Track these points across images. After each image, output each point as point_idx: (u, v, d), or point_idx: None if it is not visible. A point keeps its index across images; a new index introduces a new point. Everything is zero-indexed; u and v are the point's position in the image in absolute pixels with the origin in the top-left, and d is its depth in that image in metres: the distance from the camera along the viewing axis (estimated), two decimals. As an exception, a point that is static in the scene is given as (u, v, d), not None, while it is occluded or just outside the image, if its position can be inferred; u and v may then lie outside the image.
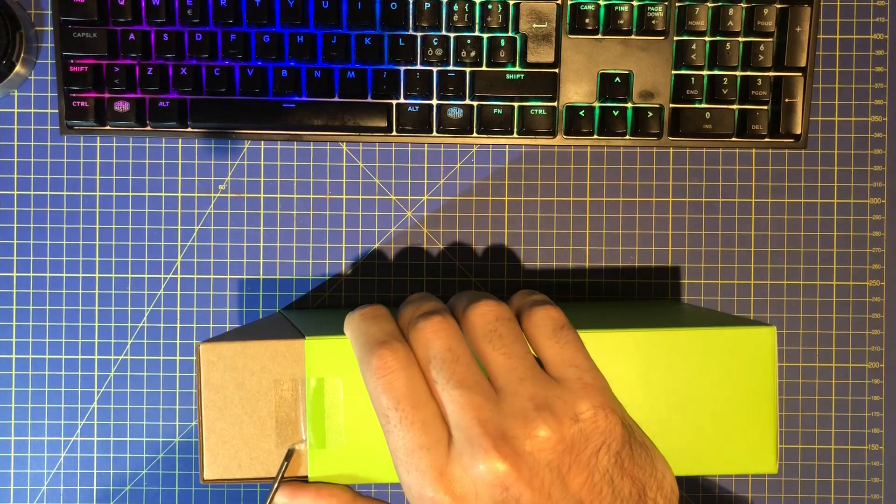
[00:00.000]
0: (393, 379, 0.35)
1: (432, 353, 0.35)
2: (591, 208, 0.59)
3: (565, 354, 0.36)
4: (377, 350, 0.35)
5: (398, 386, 0.35)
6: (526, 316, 0.37)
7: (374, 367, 0.35)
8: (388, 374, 0.35)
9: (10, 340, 0.58)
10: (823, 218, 0.59)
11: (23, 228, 0.58)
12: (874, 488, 0.59)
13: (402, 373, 0.35)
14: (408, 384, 0.35)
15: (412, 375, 0.35)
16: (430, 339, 0.35)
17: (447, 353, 0.35)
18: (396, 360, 0.35)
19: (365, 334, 0.37)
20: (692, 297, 0.59)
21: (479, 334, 0.36)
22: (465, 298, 0.38)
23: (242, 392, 0.37)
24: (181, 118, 0.55)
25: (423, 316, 0.36)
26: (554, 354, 0.36)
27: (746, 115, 0.56)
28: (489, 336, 0.36)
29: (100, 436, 0.58)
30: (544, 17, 0.55)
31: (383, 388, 0.35)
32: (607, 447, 0.34)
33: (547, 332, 0.36)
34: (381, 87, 0.55)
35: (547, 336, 0.36)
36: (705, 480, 0.59)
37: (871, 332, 0.59)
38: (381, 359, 0.35)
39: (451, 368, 0.35)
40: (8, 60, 0.55)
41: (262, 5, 0.54)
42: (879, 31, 0.58)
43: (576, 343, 0.36)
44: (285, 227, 0.59)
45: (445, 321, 0.36)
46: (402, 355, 0.35)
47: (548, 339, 0.36)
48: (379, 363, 0.35)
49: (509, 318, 0.37)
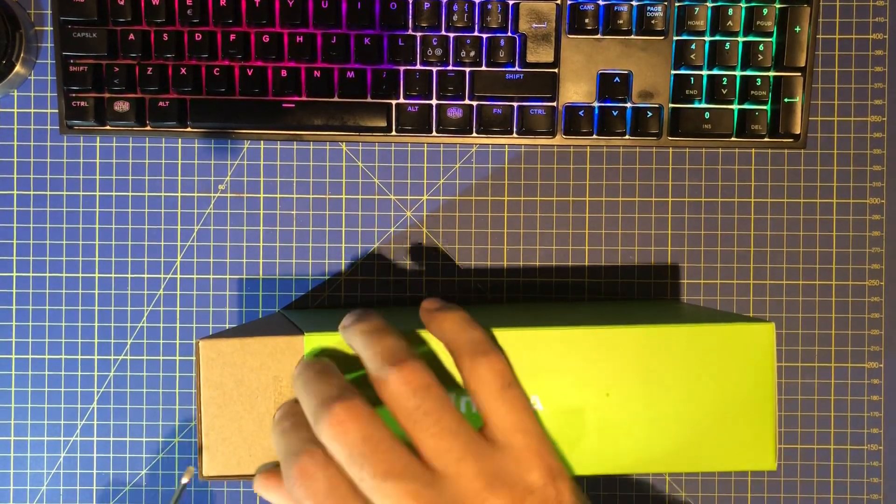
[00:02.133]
0: (312, 484, 0.32)
1: (346, 451, 0.31)
2: (591, 208, 0.59)
3: (512, 417, 0.33)
4: (296, 459, 0.32)
5: (318, 490, 0.31)
6: (469, 366, 0.34)
7: (293, 476, 0.32)
8: (307, 481, 0.32)
9: (9, 340, 0.58)
10: (823, 218, 0.59)
11: (23, 228, 0.58)
12: (874, 488, 0.59)
13: (322, 476, 0.32)
14: (328, 488, 0.31)
15: (330, 476, 0.32)
16: (338, 435, 0.31)
17: (362, 444, 0.31)
18: (315, 463, 0.32)
19: (285, 438, 0.34)
20: (692, 297, 0.59)
21: (399, 413, 0.32)
22: (377, 358, 0.33)
23: (242, 389, 0.37)
24: (181, 118, 0.55)
25: (323, 407, 0.32)
26: (500, 418, 0.33)
27: (746, 115, 0.56)
28: (412, 416, 0.32)
29: (100, 436, 0.58)
30: (544, 17, 0.55)
31: (305, 497, 0.32)
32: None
33: (493, 390, 0.33)
34: (381, 87, 0.55)
35: (493, 396, 0.33)
36: (705, 480, 0.58)
37: (870, 332, 0.59)
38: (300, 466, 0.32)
39: (371, 462, 0.31)
40: (8, 60, 0.55)
41: (261, 5, 0.54)
42: (879, 31, 0.58)
43: (522, 403, 0.34)
44: (285, 227, 0.59)
45: (348, 408, 0.32)
46: (320, 459, 0.32)
47: (494, 400, 0.33)
48: (298, 472, 0.32)
49: (428, 386, 0.32)
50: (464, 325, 0.35)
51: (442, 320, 0.36)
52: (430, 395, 0.32)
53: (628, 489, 0.58)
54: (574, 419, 0.38)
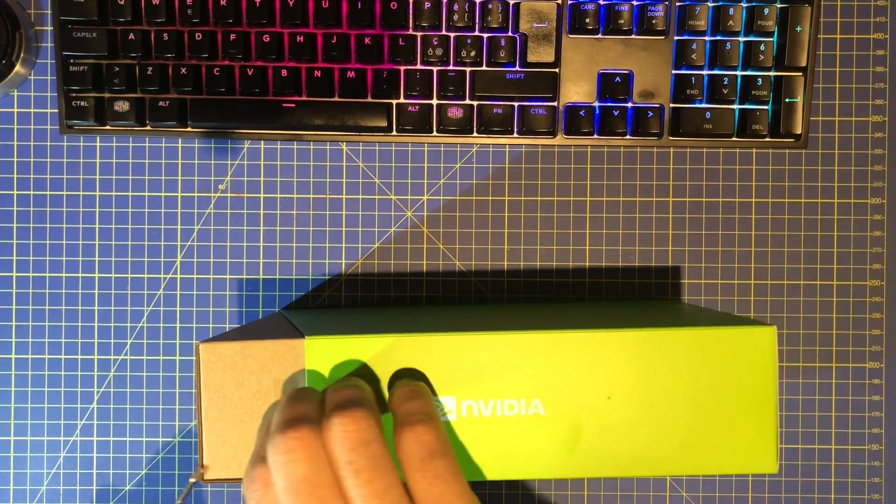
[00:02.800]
0: (250, 494, 0.32)
1: (283, 483, 0.31)
2: (591, 208, 0.59)
3: (434, 491, 0.32)
4: (250, 466, 0.34)
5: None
6: (396, 438, 0.33)
7: (244, 480, 0.34)
8: (248, 489, 0.33)
9: (9, 340, 0.58)
10: (823, 218, 0.59)
11: (23, 228, 0.58)
12: (874, 488, 0.59)
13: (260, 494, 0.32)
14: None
15: (266, 495, 0.32)
16: (282, 464, 0.32)
17: (300, 482, 0.31)
18: (261, 478, 0.33)
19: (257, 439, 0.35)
20: (692, 297, 0.59)
21: (333, 464, 0.32)
22: (331, 402, 0.34)
23: (242, 392, 0.37)
24: (181, 118, 0.55)
25: (277, 428, 0.33)
26: (421, 490, 0.32)
27: (747, 115, 0.56)
28: (345, 468, 0.32)
29: (100, 436, 0.58)
30: (544, 17, 0.55)
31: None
32: None
33: (415, 462, 0.33)
34: (381, 87, 0.55)
35: (415, 467, 0.33)
36: (705, 480, 0.58)
37: (871, 332, 0.59)
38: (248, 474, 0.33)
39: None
40: (8, 60, 0.55)
41: (262, 5, 0.54)
42: (880, 31, 0.58)
43: (448, 474, 0.33)
44: (285, 227, 0.58)
45: (300, 439, 0.32)
46: (265, 476, 0.33)
47: (416, 472, 0.32)
48: (245, 478, 0.33)
49: (367, 442, 0.32)
50: (405, 397, 0.35)
51: (392, 394, 0.36)
52: (366, 453, 0.32)
53: (628, 489, 0.58)
54: (575, 422, 0.38)
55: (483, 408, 0.38)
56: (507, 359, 0.38)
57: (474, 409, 0.38)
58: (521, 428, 0.38)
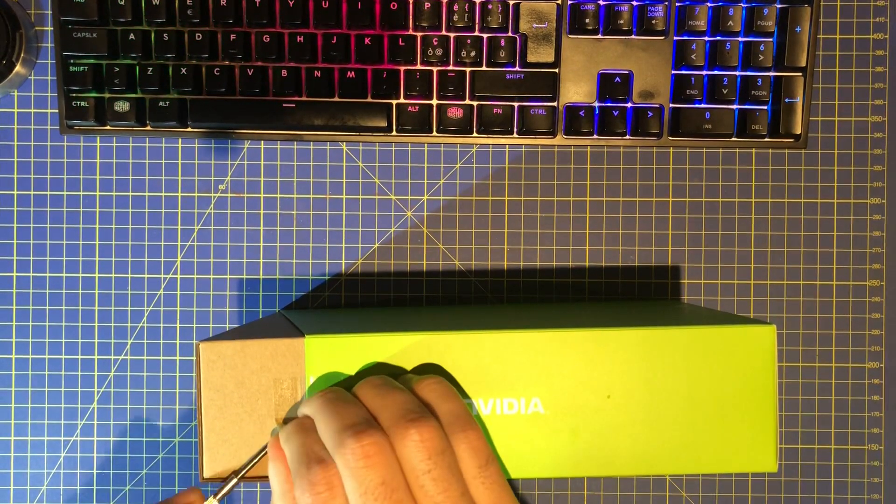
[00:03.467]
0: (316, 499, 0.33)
1: (361, 489, 0.32)
2: (591, 208, 0.59)
3: (492, 496, 0.34)
4: (309, 468, 0.33)
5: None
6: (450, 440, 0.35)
7: (303, 484, 0.33)
8: (313, 494, 0.33)
9: (10, 340, 0.58)
10: (823, 218, 0.59)
11: (23, 228, 0.58)
12: (874, 488, 0.59)
13: (327, 495, 0.33)
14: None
15: (335, 496, 0.33)
16: (360, 469, 0.32)
17: (379, 487, 0.32)
18: (326, 480, 0.33)
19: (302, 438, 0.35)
20: (692, 297, 0.59)
21: (409, 471, 0.33)
22: (392, 407, 0.35)
23: (242, 391, 0.37)
24: (181, 118, 0.55)
25: (349, 431, 0.33)
26: (480, 495, 0.34)
27: (746, 115, 0.56)
28: (424, 476, 0.33)
29: (100, 436, 0.58)
30: (544, 17, 0.55)
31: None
32: None
33: (473, 468, 0.34)
34: (381, 87, 0.55)
35: (473, 474, 0.34)
36: (705, 480, 0.58)
37: (871, 332, 0.59)
38: (311, 478, 0.33)
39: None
40: (8, 60, 0.55)
41: (262, 5, 0.54)
42: (879, 31, 0.58)
43: (501, 481, 0.35)
44: (285, 227, 0.59)
45: (378, 445, 0.33)
46: (333, 479, 0.33)
47: (475, 479, 0.34)
48: (308, 482, 0.33)
49: (442, 451, 0.33)
50: (440, 395, 0.36)
51: (419, 387, 0.36)
52: (443, 462, 0.33)
53: (628, 489, 0.58)
54: (575, 421, 0.38)
55: (483, 406, 0.38)
56: (506, 357, 0.38)
57: (474, 408, 0.38)
58: (520, 427, 0.38)
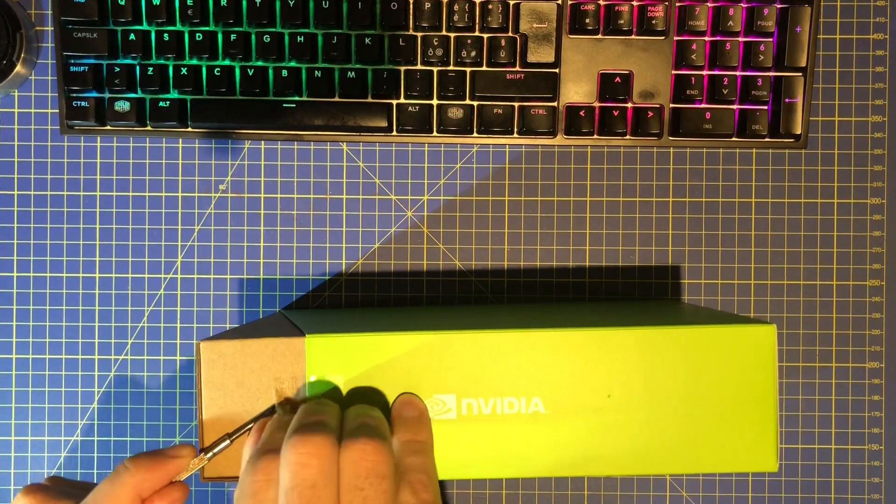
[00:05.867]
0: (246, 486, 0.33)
1: (289, 483, 0.32)
2: (591, 208, 0.59)
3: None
4: (254, 458, 0.33)
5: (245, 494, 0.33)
6: (401, 471, 0.34)
7: (243, 470, 0.34)
8: (245, 481, 0.33)
9: (10, 340, 0.58)
10: (823, 218, 0.59)
11: (23, 228, 0.58)
12: (874, 488, 0.59)
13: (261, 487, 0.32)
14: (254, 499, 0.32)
15: (267, 489, 0.32)
16: (294, 465, 0.32)
17: (307, 489, 0.31)
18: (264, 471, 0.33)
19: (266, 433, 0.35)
20: (692, 297, 0.59)
21: (343, 482, 0.32)
22: (354, 419, 0.35)
23: (242, 390, 0.37)
24: (181, 118, 0.55)
25: (301, 430, 0.33)
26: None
27: (746, 115, 0.56)
28: (354, 492, 0.32)
29: (100, 436, 0.58)
30: (544, 17, 0.55)
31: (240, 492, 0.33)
32: None
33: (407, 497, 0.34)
34: (382, 87, 0.55)
35: None
36: (705, 480, 0.58)
37: (871, 332, 0.59)
38: (252, 466, 0.33)
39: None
40: (8, 60, 0.55)
41: (262, 5, 0.54)
42: (879, 31, 0.58)
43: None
44: (285, 227, 0.59)
45: (324, 449, 0.32)
46: (271, 470, 0.33)
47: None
48: (247, 467, 0.33)
49: (384, 476, 0.33)
50: (411, 426, 0.36)
51: (397, 404, 0.37)
52: (379, 486, 0.32)
53: (628, 489, 0.58)
54: (575, 420, 0.38)
55: (483, 406, 0.38)
56: (507, 357, 0.38)
57: (474, 408, 0.38)
58: (521, 426, 0.38)
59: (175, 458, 0.37)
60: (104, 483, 0.36)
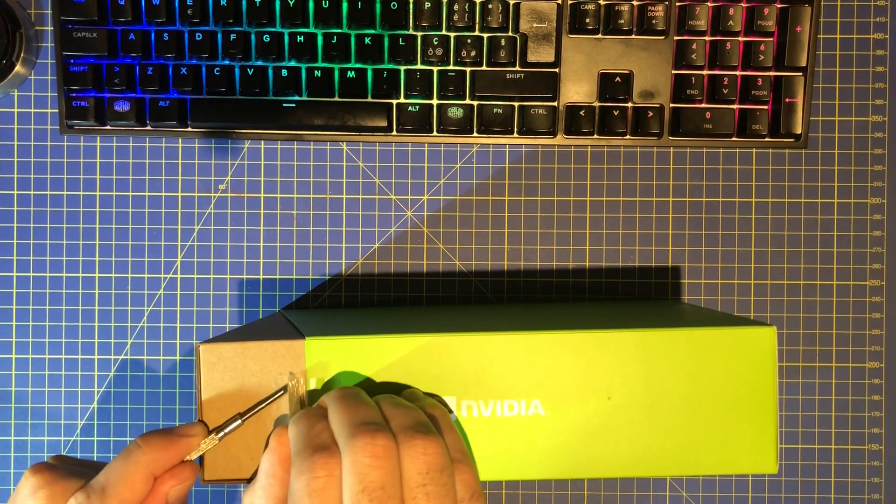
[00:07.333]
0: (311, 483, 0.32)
1: (360, 486, 0.32)
2: (591, 208, 0.59)
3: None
4: (311, 454, 0.33)
5: (315, 489, 0.32)
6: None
7: (301, 468, 0.33)
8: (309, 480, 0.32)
9: (10, 340, 0.58)
10: (823, 218, 0.59)
11: (23, 228, 0.58)
12: (874, 488, 0.59)
13: (325, 483, 0.32)
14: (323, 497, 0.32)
15: (333, 486, 0.32)
16: (365, 467, 0.32)
17: (377, 490, 0.32)
18: (325, 468, 0.33)
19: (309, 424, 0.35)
20: (692, 297, 0.59)
21: (406, 481, 0.33)
22: (402, 414, 0.35)
23: (242, 393, 0.37)
24: (181, 118, 0.55)
25: (363, 428, 0.33)
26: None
27: (747, 115, 0.56)
28: (419, 489, 0.33)
29: (100, 436, 0.58)
30: (544, 17, 0.55)
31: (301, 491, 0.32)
32: None
33: (463, 499, 0.34)
34: (382, 87, 0.55)
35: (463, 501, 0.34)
36: (705, 480, 0.59)
37: (871, 331, 0.59)
38: (312, 462, 0.33)
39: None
40: (8, 60, 0.55)
41: (262, 5, 0.54)
42: (880, 31, 0.58)
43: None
44: (285, 227, 0.58)
45: (387, 448, 0.33)
46: (333, 469, 0.33)
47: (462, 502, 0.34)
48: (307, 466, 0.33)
49: (441, 470, 0.33)
50: (448, 427, 0.36)
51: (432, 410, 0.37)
52: (440, 479, 0.33)
53: (628, 489, 0.58)
54: (575, 423, 0.38)
55: (483, 408, 0.38)
56: (507, 359, 0.38)
57: (474, 410, 0.38)
58: (521, 428, 0.38)
59: (187, 438, 0.37)
60: (117, 461, 0.36)
